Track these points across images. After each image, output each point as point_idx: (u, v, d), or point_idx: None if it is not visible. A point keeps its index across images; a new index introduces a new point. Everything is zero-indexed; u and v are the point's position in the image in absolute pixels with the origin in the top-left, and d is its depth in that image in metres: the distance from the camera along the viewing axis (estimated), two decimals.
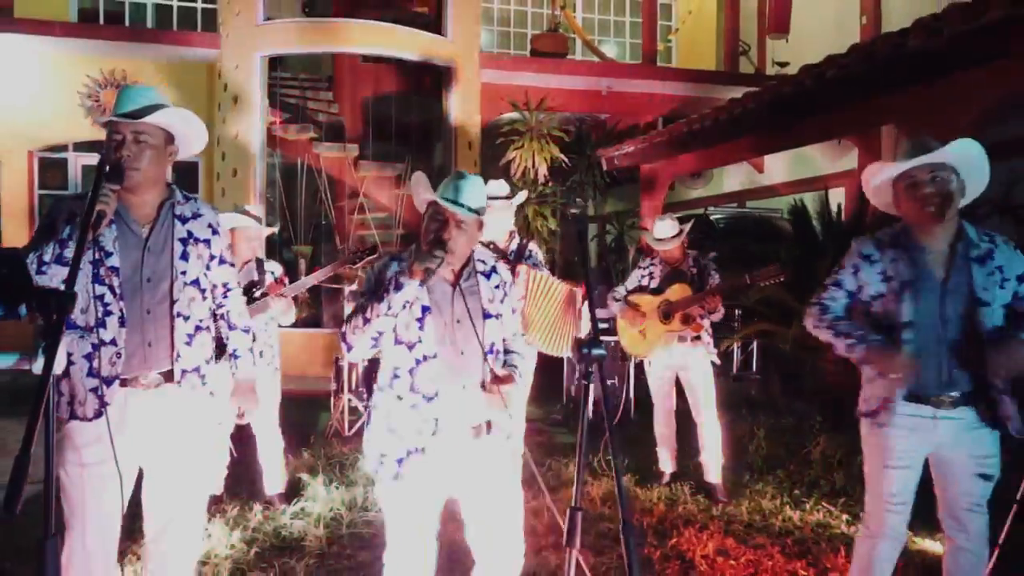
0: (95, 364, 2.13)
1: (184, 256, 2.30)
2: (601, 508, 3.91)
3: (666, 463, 4.42)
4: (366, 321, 2.10)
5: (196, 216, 2.37)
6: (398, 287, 2.08)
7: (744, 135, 6.73)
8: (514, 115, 8.80)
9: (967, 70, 4.34)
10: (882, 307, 2.35)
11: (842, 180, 7.81)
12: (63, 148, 8.87)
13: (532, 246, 3.85)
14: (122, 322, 2.16)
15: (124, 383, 2.17)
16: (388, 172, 8.16)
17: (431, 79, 9.13)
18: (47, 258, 2.04)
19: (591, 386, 1.63)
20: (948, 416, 2.28)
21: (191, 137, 2.35)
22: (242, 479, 4.15)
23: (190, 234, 2.33)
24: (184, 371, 2.27)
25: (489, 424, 2.24)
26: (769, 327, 5.22)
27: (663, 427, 4.41)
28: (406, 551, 2.20)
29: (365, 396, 5.58)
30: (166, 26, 9.49)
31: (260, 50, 7.80)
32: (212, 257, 2.40)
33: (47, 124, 8.36)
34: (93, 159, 8.86)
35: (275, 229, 4.07)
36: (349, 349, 2.16)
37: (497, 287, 2.32)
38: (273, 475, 4.00)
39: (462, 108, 8.56)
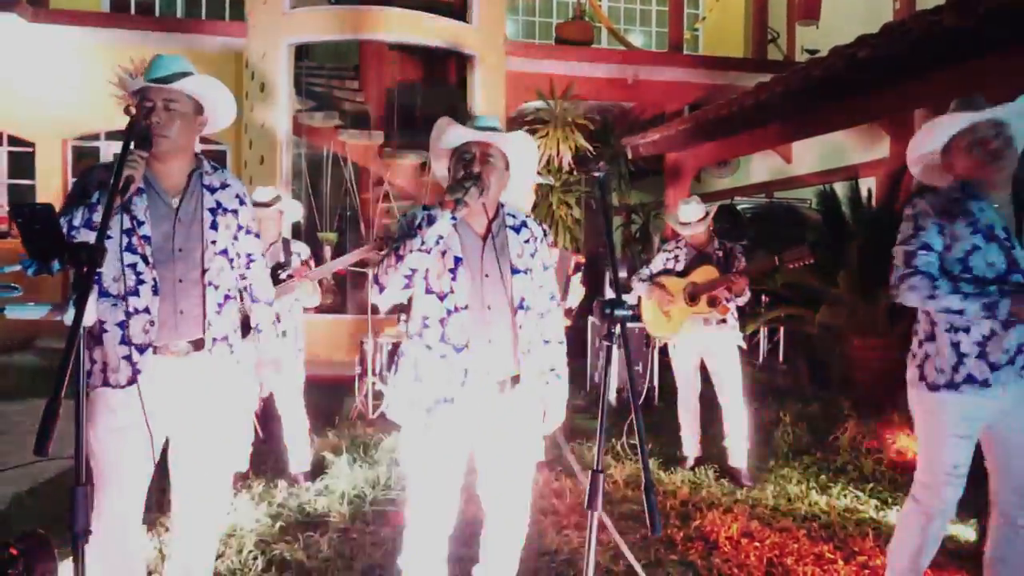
0: (128, 332, 2.16)
1: (214, 226, 2.32)
2: (624, 490, 3.89)
3: (690, 448, 4.39)
4: (399, 259, 2.08)
5: (224, 186, 2.40)
6: (430, 221, 2.08)
7: (772, 121, 6.64)
8: (539, 103, 8.77)
9: (1005, 50, 4.23)
10: (970, 262, 2.21)
11: (873, 170, 7.67)
12: (95, 137, 9.03)
13: (544, 228, 3.87)
14: (155, 291, 2.19)
15: (156, 351, 2.20)
16: (413, 160, 8.18)
17: (456, 67, 9.14)
18: (76, 222, 2.07)
19: (613, 348, 1.62)
20: (1016, 380, 2.20)
21: (220, 108, 2.37)
22: (267, 457, 4.20)
23: (219, 204, 2.35)
24: (215, 339, 2.29)
25: (516, 378, 2.24)
26: (796, 311, 5.15)
27: (687, 411, 4.37)
28: (431, 503, 2.21)
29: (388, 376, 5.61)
30: (195, 15, 9.61)
31: (287, 38, 7.86)
32: (240, 227, 2.42)
33: (80, 113, 8.51)
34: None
35: (281, 207, 4.09)
36: (381, 290, 2.13)
37: (527, 241, 2.31)
38: (298, 454, 4.04)
39: (487, 96, 8.55)
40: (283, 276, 3.86)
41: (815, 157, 9.37)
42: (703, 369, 4.32)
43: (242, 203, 2.44)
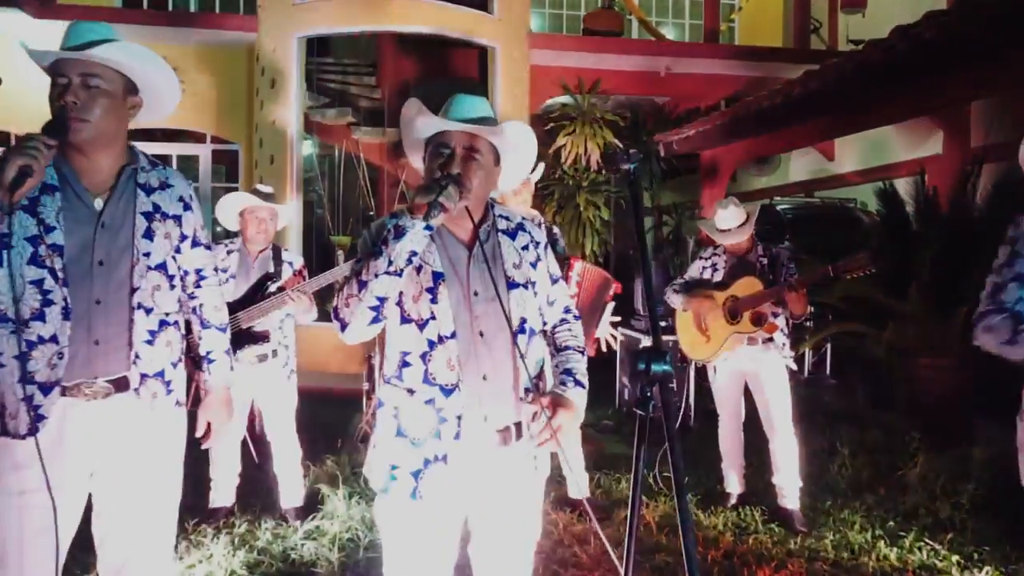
0: (29, 367, 1.72)
1: (148, 234, 1.87)
2: (658, 536, 3.37)
3: (733, 484, 3.85)
4: (362, 285, 1.62)
5: (164, 186, 1.95)
6: (399, 233, 1.60)
7: (820, 114, 6.04)
8: (565, 99, 8.27)
9: None
10: None
11: (922, 167, 7.02)
12: None
13: (556, 229, 3.38)
14: (65, 314, 1.74)
15: (65, 391, 1.75)
16: None
17: (477, 60, 8.67)
18: None
19: (649, 416, 1.12)
20: None
21: (158, 87, 1.92)
22: (258, 488, 3.77)
23: (156, 208, 1.90)
24: (144, 376, 1.84)
25: (519, 427, 1.74)
26: (856, 328, 4.55)
27: (730, 442, 3.84)
28: None
29: None
30: (209, 9, 9.28)
31: (298, 30, 7.45)
32: (184, 237, 1.98)
33: None
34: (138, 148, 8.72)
35: (288, 208, 3.62)
36: (343, 327, 1.67)
37: (525, 248, 1.83)
38: (289, 487, 3.60)
39: (510, 91, 8.05)
40: (272, 288, 3.42)
41: (858, 154, 8.71)
42: (747, 394, 3.79)
43: (187, 208, 1.99)
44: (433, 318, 1.68)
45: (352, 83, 8.72)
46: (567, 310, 1.92)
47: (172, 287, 1.93)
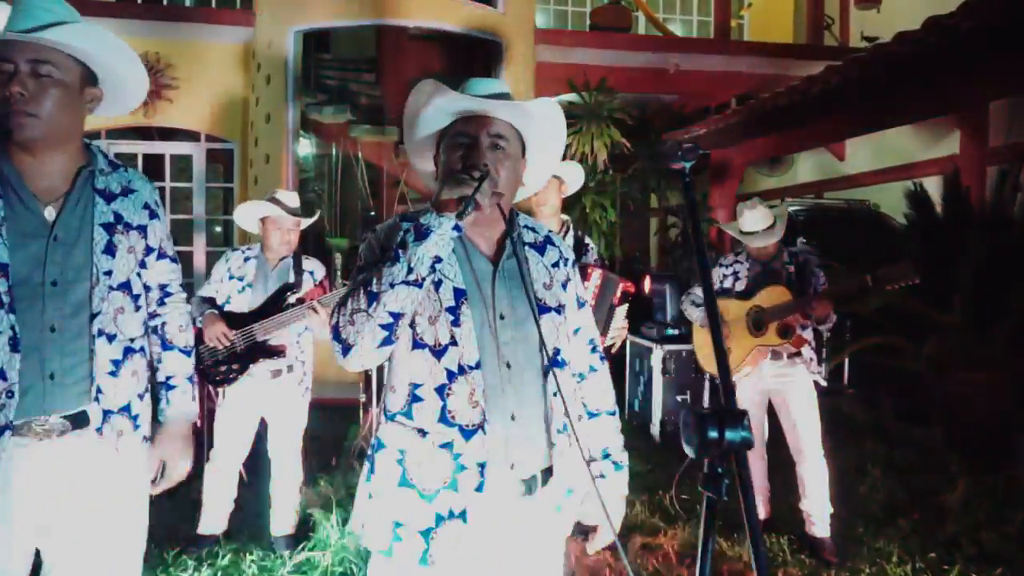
0: None
1: (109, 249, 1.62)
2: (679, 568, 3.11)
3: (757, 508, 3.58)
4: (372, 298, 1.33)
5: (127, 191, 1.69)
6: (422, 234, 1.33)
7: (838, 112, 5.77)
8: (571, 96, 8.01)
9: None
10: None
11: (939, 168, 6.76)
12: (96, 135, 8.46)
13: (589, 240, 3.11)
14: (13, 345, 1.49)
15: (14, 431, 1.50)
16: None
17: (481, 56, 8.40)
18: None
19: (720, 500, 0.86)
20: None
21: (122, 78, 1.65)
22: (248, 512, 3.51)
23: (118, 217, 1.64)
24: (107, 412, 1.58)
25: (548, 472, 1.48)
26: (890, 341, 4.26)
27: (753, 465, 3.57)
28: None
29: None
30: (203, 3, 9.01)
31: (295, 24, 7.18)
32: (149, 250, 1.72)
33: None
34: (126, 147, 8.46)
35: (314, 219, 3.37)
36: (346, 351, 1.37)
37: (555, 265, 1.57)
38: (282, 513, 3.33)
39: (515, 88, 7.79)
40: (292, 300, 3.17)
41: (870, 154, 8.46)
42: (770, 412, 3.53)
43: (154, 216, 1.73)
44: (454, 343, 1.41)
45: (351, 79, 8.45)
46: (593, 347, 1.65)
47: (137, 308, 1.67)
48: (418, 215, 1.37)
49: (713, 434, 0.80)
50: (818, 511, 3.32)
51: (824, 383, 3.46)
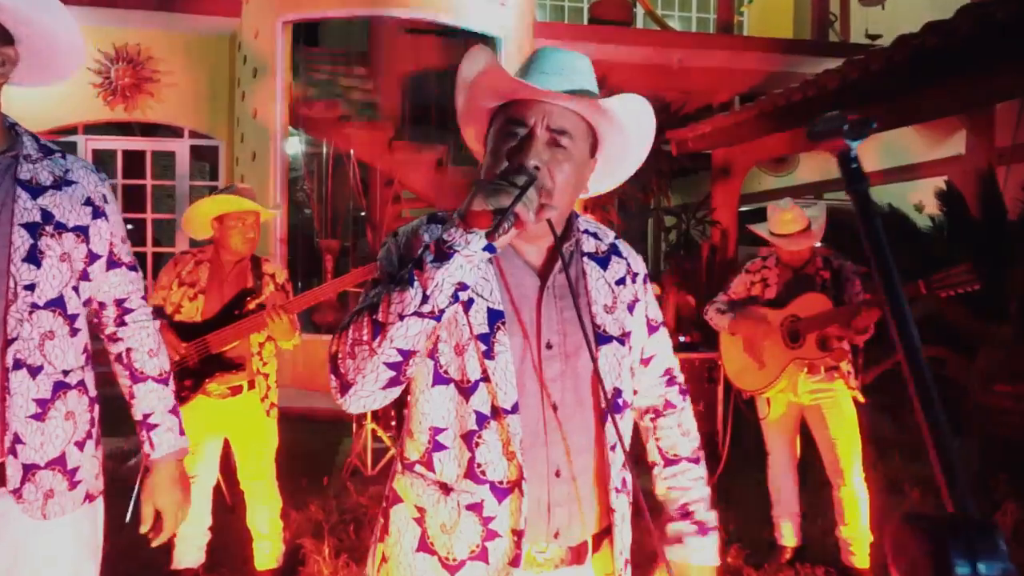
0: None
1: (33, 257, 1.28)
2: None
3: (788, 535, 3.28)
4: (377, 329, 1.01)
5: (63, 183, 1.35)
6: (443, 255, 0.99)
7: (855, 109, 5.52)
8: None
9: None
10: None
11: (944, 169, 6.54)
12: (72, 130, 8.08)
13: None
14: None
15: None
16: (427, 155, 7.14)
17: None
18: None
19: None
20: None
21: (44, 34, 1.30)
22: (230, 543, 3.17)
23: (47, 216, 1.31)
24: (32, 468, 1.25)
25: (599, 540, 1.19)
26: (936, 353, 3.97)
27: (784, 487, 3.28)
28: None
29: (394, 424, 4.57)
30: None
31: (283, 15, 6.82)
32: (93, 256, 1.38)
33: (55, 105, 7.55)
34: (106, 143, 8.09)
35: (276, 212, 2.97)
36: (345, 388, 1.05)
37: (620, 282, 1.24)
38: (265, 545, 2.99)
39: None
40: (251, 306, 2.83)
41: (873, 154, 8.24)
42: (803, 431, 3.24)
43: (99, 214, 1.39)
44: (486, 379, 1.10)
45: (342, 73, 8.12)
46: (670, 379, 1.33)
47: (75, 332, 1.33)
48: (449, 224, 1.03)
49: (965, 570, 0.49)
50: (858, 540, 3.04)
51: (863, 399, 3.17)
